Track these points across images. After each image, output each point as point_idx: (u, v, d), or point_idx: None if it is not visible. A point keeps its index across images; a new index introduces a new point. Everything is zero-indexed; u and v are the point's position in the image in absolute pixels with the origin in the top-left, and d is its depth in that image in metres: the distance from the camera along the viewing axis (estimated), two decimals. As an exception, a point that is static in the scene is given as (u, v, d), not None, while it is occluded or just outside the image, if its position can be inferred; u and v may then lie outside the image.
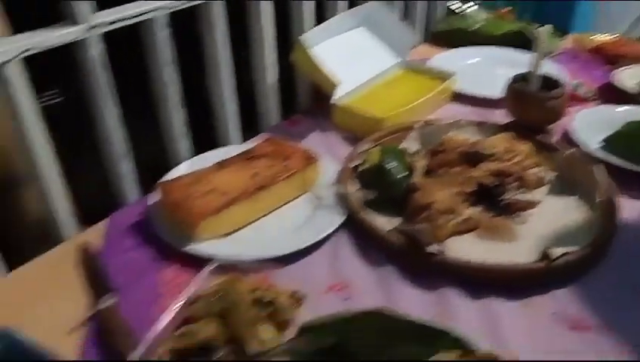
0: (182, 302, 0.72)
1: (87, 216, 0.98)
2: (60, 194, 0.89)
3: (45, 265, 0.84)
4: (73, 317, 0.74)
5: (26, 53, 0.78)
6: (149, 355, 0.66)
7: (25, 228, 1.06)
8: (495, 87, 1.19)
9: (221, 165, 0.95)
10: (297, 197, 0.95)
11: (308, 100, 1.31)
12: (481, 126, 1.08)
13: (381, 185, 0.90)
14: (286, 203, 0.94)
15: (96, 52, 0.86)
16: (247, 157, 0.97)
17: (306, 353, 0.61)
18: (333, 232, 0.87)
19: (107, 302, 0.75)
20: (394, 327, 0.61)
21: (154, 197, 0.92)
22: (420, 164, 0.95)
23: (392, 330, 0.61)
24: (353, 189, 0.92)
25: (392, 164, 0.92)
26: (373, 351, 0.61)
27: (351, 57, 1.22)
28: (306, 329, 0.62)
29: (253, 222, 0.90)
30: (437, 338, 0.62)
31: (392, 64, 1.31)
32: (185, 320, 0.71)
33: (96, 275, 0.81)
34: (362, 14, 1.27)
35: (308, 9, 1.20)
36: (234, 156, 0.98)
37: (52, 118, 0.87)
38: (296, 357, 0.60)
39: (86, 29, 0.84)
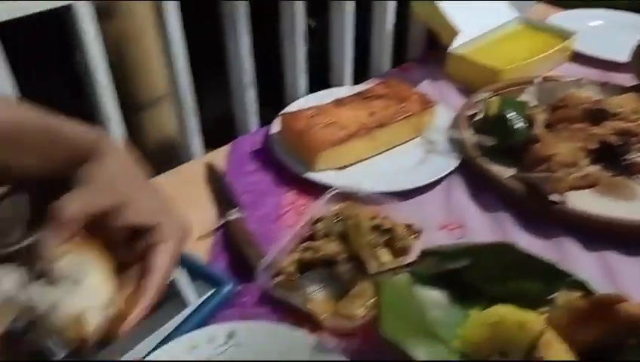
0: (304, 222, 0.76)
1: (210, 141, 1.05)
2: (192, 114, 0.95)
3: (175, 179, 0.91)
4: (202, 226, 0.80)
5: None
6: (275, 265, 0.71)
7: (153, 148, 1.13)
8: (617, 50, 1.15)
9: (339, 102, 0.97)
10: (411, 140, 0.97)
11: (420, 49, 1.30)
12: (605, 86, 1.05)
13: (500, 134, 0.90)
14: (400, 144, 0.96)
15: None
16: (364, 96, 0.99)
17: (426, 276, 0.64)
18: (447, 175, 0.89)
19: (234, 215, 0.80)
20: (518, 262, 0.62)
21: (275, 127, 0.97)
22: (540, 117, 0.94)
23: (516, 264, 0.62)
24: (469, 136, 0.92)
25: (512, 114, 0.91)
26: (495, 281, 0.63)
27: (471, 9, 1.20)
28: (428, 254, 0.64)
29: (368, 158, 0.92)
30: (559, 278, 0.63)
31: (512, 19, 1.28)
32: (307, 237, 0.75)
33: (221, 192, 0.86)
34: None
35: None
36: (351, 95, 1.00)
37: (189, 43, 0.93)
38: (414, 279, 0.63)
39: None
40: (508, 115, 0.91)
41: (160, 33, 0.86)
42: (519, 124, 0.91)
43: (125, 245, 0.48)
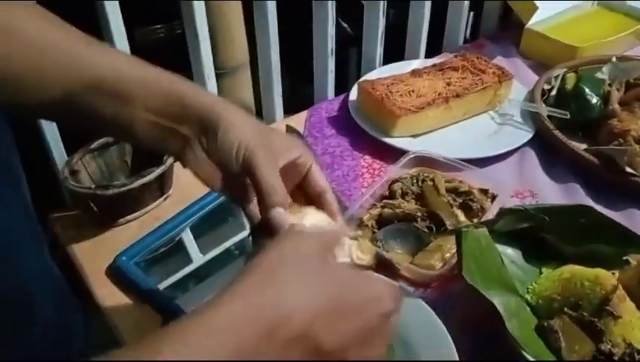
0: (382, 182, 0.81)
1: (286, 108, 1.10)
2: (276, 81, 1.01)
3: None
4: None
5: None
6: (356, 219, 0.76)
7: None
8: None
9: (415, 73, 1.01)
10: (485, 112, 1.00)
11: (492, 26, 1.32)
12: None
13: (575, 109, 0.92)
14: (474, 115, 0.99)
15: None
16: (440, 67, 1.02)
17: (502, 234, 0.68)
18: (520, 146, 0.91)
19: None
20: (594, 224, 0.65)
21: (353, 94, 1.01)
22: (615, 94, 0.95)
23: (592, 226, 0.66)
24: (545, 109, 0.94)
25: (589, 90, 0.93)
26: (569, 241, 0.67)
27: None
28: (505, 213, 0.68)
29: (443, 128, 0.96)
30: (632, 242, 0.66)
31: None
32: (385, 196, 0.80)
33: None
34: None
35: None
36: (428, 66, 1.03)
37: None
38: (491, 236, 0.67)
39: None
40: (585, 91, 0.93)
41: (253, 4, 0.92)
42: (595, 99, 0.92)
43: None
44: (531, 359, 0.56)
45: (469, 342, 0.62)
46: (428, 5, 1.14)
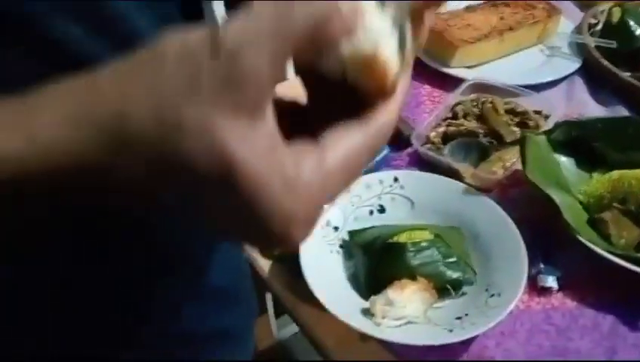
0: (444, 106, 0.91)
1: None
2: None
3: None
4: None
5: None
6: (423, 136, 0.86)
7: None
8: None
9: (470, 9, 1.09)
10: (535, 45, 1.07)
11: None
12: None
13: (621, 39, 1.00)
14: (525, 48, 1.07)
15: None
16: (493, 4, 1.10)
17: (558, 143, 0.77)
18: (569, 75, 1.00)
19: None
20: (639, 133, 0.75)
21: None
22: (659, 26, 1.02)
23: (637, 135, 0.75)
24: (592, 41, 1.02)
25: (633, 21, 1.00)
26: (617, 149, 0.76)
27: None
28: (559, 125, 0.77)
29: (497, 59, 1.04)
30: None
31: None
32: (448, 117, 0.90)
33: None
34: None
35: None
36: (480, 3, 1.11)
37: None
38: (548, 144, 0.76)
39: None
40: (629, 23, 1.00)
41: None
42: (639, 30, 1.00)
43: None
44: (586, 242, 0.66)
45: (528, 235, 0.72)
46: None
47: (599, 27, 1.07)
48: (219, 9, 0.33)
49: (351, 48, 0.27)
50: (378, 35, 0.28)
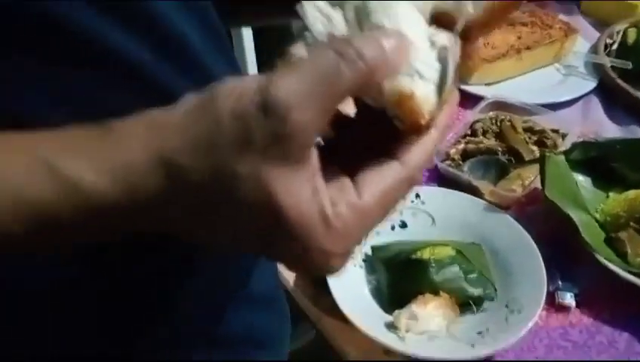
0: (464, 123, 0.93)
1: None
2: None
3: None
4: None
5: None
6: (442, 153, 0.88)
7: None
8: None
9: (488, 28, 1.11)
10: (552, 64, 1.10)
11: (555, -14, 1.40)
12: None
13: (637, 60, 1.02)
14: (542, 66, 1.09)
15: None
16: (511, 23, 1.12)
17: (576, 162, 0.79)
18: (585, 94, 1.02)
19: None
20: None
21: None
22: (674, 47, 1.04)
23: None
24: (607, 61, 1.04)
25: (649, 42, 1.02)
26: (633, 169, 0.78)
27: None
28: (577, 145, 0.79)
29: (514, 77, 1.06)
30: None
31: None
32: (467, 134, 0.92)
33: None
34: None
35: None
36: (498, 22, 1.13)
37: None
38: (567, 163, 0.78)
39: None
40: (645, 43, 1.02)
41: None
42: (655, 51, 1.02)
43: None
44: (603, 260, 0.68)
45: (546, 252, 0.74)
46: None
47: (615, 47, 1.09)
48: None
49: (390, 84, 0.29)
50: (418, 72, 0.29)
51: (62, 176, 0.26)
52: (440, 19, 0.32)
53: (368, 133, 0.31)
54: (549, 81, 1.06)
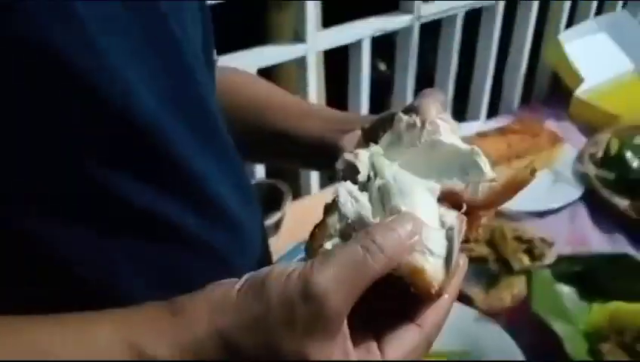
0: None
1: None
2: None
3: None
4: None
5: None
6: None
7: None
8: None
9: (480, 134, 1.20)
10: (540, 170, 1.17)
11: (545, 90, 1.50)
12: None
13: (619, 170, 1.09)
14: (531, 172, 1.16)
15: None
16: (502, 132, 1.21)
17: (560, 275, 0.85)
18: (573, 202, 1.09)
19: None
20: (633, 268, 0.83)
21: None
22: (655, 158, 1.12)
23: (632, 270, 0.83)
24: (592, 170, 1.12)
25: (630, 154, 1.10)
26: (614, 282, 0.84)
27: (594, 58, 1.39)
28: (562, 259, 0.85)
29: (505, 183, 1.14)
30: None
31: (628, 69, 1.45)
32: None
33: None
34: (608, 21, 1.43)
35: (565, 10, 1.40)
36: (491, 130, 1.22)
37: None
38: (552, 277, 0.84)
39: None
40: (626, 155, 1.10)
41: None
42: (636, 163, 1.10)
43: None
44: (586, 374, 0.73)
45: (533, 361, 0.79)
46: (491, 70, 1.34)
47: (600, 156, 1.16)
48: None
49: (406, 261, 0.34)
50: (429, 250, 0.35)
51: (143, 355, 0.31)
52: (449, 198, 0.39)
53: (390, 292, 0.36)
54: (538, 187, 1.12)
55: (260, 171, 1.16)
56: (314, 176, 1.23)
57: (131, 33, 0.37)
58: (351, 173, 0.39)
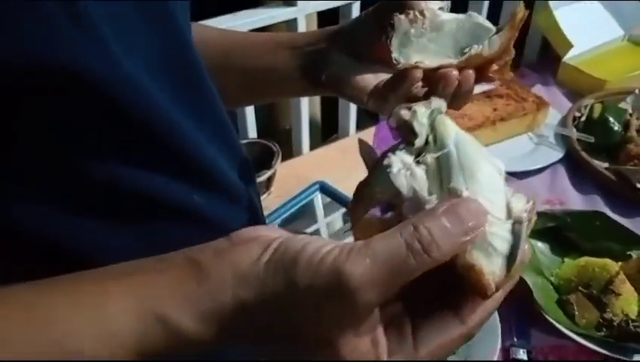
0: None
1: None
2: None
3: (336, 149, 1.20)
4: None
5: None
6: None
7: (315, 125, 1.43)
8: None
9: (467, 98, 1.22)
10: (525, 133, 1.20)
11: (534, 56, 1.52)
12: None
13: (600, 134, 1.12)
14: (515, 135, 1.19)
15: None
16: (488, 95, 1.23)
17: (535, 231, 0.89)
18: (553, 163, 1.12)
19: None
20: (606, 226, 0.86)
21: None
22: (635, 122, 1.15)
23: (604, 228, 0.86)
24: (574, 133, 1.15)
25: (612, 118, 1.13)
26: (586, 239, 0.88)
27: (583, 24, 1.40)
28: (538, 215, 0.89)
29: (489, 145, 1.17)
30: (635, 241, 0.86)
31: (618, 36, 1.46)
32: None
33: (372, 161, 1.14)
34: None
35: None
36: (477, 93, 1.24)
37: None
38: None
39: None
40: (609, 119, 1.13)
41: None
42: (617, 126, 1.12)
43: None
44: (552, 320, 0.77)
45: (503, 311, 0.83)
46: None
47: (583, 120, 1.19)
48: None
49: (463, 256, 0.30)
50: (491, 245, 0.30)
51: (168, 325, 0.30)
52: (476, 64, 0.40)
53: (435, 274, 0.31)
54: (521, 149, 1.17)
55: (251, 132, 1.19)
56: (304, 139, 1.26)
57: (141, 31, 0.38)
58: (406, 132, 0.34)
